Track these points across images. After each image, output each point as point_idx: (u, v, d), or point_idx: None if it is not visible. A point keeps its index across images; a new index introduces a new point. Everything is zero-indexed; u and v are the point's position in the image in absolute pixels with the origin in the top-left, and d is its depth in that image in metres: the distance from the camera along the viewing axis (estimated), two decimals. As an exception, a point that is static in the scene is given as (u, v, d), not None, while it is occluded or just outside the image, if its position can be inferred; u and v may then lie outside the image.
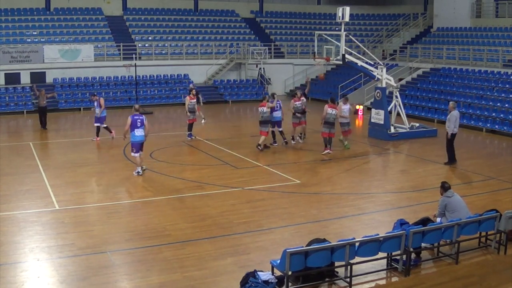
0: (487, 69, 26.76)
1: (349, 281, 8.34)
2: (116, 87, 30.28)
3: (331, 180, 14.96)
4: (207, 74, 33.24)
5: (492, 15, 32.44)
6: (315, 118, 19.81)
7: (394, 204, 12.67)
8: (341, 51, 19.77)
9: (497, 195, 13.21)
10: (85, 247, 9.77)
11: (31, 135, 22.21)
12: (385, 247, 8.74)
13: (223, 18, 37.32)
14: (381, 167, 17.20)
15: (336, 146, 18.36)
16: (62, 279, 8.49)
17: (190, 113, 19.73)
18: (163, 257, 9.40)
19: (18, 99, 27.78)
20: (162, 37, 33.95)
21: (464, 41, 30.65)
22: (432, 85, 27.89)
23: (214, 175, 14.99)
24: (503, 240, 9.75)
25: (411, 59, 31.72)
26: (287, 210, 12.15)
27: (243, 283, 8.11)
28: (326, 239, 8.88)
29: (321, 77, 28.25)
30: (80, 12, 33.49)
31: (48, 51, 29.37)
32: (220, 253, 9.58)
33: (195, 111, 20.06)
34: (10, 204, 12.27)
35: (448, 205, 9.81)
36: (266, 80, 33.38)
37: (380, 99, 20.57)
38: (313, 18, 40.01)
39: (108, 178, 14.77)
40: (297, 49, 36.42)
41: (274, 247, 9.76)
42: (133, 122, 14.54)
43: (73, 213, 11.74)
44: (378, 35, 37.77)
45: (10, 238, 10.18)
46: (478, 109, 23.85)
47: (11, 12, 31.64)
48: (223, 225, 11.06)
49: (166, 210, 12.12)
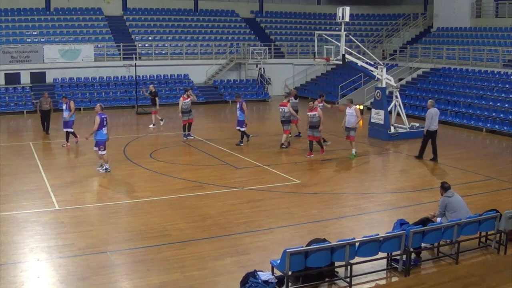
0: (487, 69, 26.77)
1: (349, 281, 8.34)
2: (116, 87, 30.28)
3: (331, 180, 14.96)
4: (207, 74, 33.25)
5: (492, 15, 32.44)
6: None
7: (394, 204, 12.67)
8: (341, 51, 19.77)
9: (497, 195, 13.21)
10: (85, 247, 9.77)
11: (31, 135, 22.21)
12: (385, 247, 8.74)
13: (223, 18, 37.33)
14: (381, 167, 17.20)
15: (338, 147, 18.34)
16: (62, 279, 8.49)
17: (183, 114, 19.62)
18: (163, 257, 9.40)
19: (18, 99, 27.78)
20: (162, 37, 33.96)
21: (464, 41, 30.65)
22: (432, 85, 27.88)
23: (214, 175, 14.99)
24: (503, 240, 9.75)
25: (411, 59, 31.72)
26: (287, 210, 12.15)
27: (243, 283, 8.11)
28: (326, 239, 8.88)
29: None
30: (80, 12, 33.50)
31: (48, 51, 29.38)
32: (220, 253, 9.58)
33: (190, 111, 19.89)
34: (10, 204, 12.27)
35: (448, 205, 9.81)
36: (266, 80, 33.39)
37: (380, 99, 20.57)
38: (313, 18, 40.01)
39: (108, 178, 14.77)
40: (297, 49, 36.42)
41: (274, 247, 9.76)
42: (101, 121, 14.70)
43: (73, 213, 11.74)
44: (378, 35, 37.77)
45: (10, 238, 10.18)
46: (478, 109, 23.84)
47: (11, 12, 31.65)
48: (223, 225, 11.06)
49: (166, 210, 12.13)
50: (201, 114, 26.82)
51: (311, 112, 16.85)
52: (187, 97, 19.82)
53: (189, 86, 28.77)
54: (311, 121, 16.87)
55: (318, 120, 16.70)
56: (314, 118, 16.76)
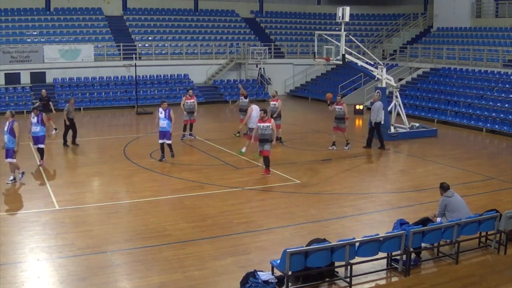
0: (487, 69, 26.77)
1: (349, 281, 8.34)
2: (116, 87, 30.28)
3: (331, 180, 14.95)
4: (207, 74, 33.25)
5: (492, 15, 32.45)
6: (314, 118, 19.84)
7: (394, 204, 12.67)
8: (341, 51, 19.76)
9: (497, 195, 13.22)
10: (85, 247, 9.77)
11: (31, 135, 22.18)
12: (385, 247, 8.74)
13: (223, 18, 37.33)
14: (381, 167, 17.20)
15: (338, 147, 18.35)
16: (62, 279, 8.49)
17: (186, 113, 19.65)
18: (163, 257, 9.40)
19: (18, 99, 27.78)
20: (162, 37, 33.96)
21: (464, 41, 30.66)
22: (432, 85, 27.89)
23: (214, 175, 14.98)
24: (503, 240, 9.75)
25: (411, 59, 31.73)
26: (287, 210, 12.15)
27: (243, 283, 8.11)
28: (326, 239, 8.88)
29: None
30: (80, 12, 33.50)
31: (48, 51, 29.38)
32: (220, 253, 9.58)
33: (193, 111, 19.87)
34: (10, 204, 12.27)
35: (448, 205, 9.81)
36: (266, 80, 33.39)
37: (380, 99, 20.54)
38: (313, 18, 40.02)
39: (108, 178, 14.77)
40: (297, 49, 36.42)
41: (274, 247, 9.76)
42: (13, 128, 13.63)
43: (73, 213, 11.74)
44: (378, 35, 37.78)
45: (10, 238, 10.18)
46: (478, 109, 23.84)
47: (11, 12, 31.65)
48: (223, 225, 11.07)
49: (166, 210, 12.13)
50: (201, 114, 26.74)
51: (263, 124, 14.42)
52: (189, 97, 19.83)
53: (189, 86, 28.81)
54: (262, 133, 14.49)
55: (270, 133, 14.39)
56: (267, 130, 14.37)
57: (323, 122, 18.65)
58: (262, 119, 14.51)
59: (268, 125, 14.36)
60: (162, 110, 16.40)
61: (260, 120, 14.62)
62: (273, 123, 14.55)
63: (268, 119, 14.52)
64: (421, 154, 18.13)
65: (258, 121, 14.72)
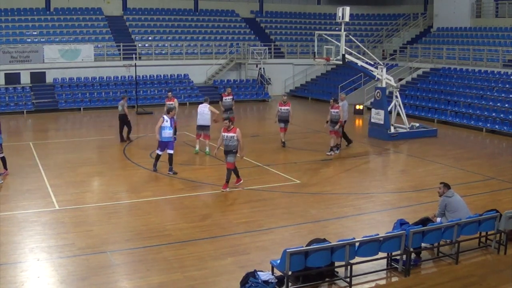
0: (487, 69, 26.77)
1: (349, 281, 8.34)
2: (116, 87, 30.26)
3: (331, 180, 14.95)
4: (207, 74, 33.25)
5: (492, 15, 32.44)
6: (314, 118, 19.83)
7: (394, 204, 12.67)
8: (341, 51, 19.76)
9: (497, 195, 13.22)
10: (85, 247, 9.77)
11: (31, 135, 22.22)
12: (385, 247, 8.75)
13: (223, 18, 37.33)
14: (381, 167, 17.20)
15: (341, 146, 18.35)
16: (62, 279, 8.49)
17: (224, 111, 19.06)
18: (163, 257, 9.40)
19: (18, 99, 27.76)
20: (162, 37, 33.96)
21: (464, 41, 30.65)
22: (432, 85, 27.88)
23: (214, 175, 14.97)
24: (503, 240, 9.75)
25: (411, 59, 31.72)
26: (287, 210, 12.15)
27: (243, 283, 8.11)
28: (326, 239, 8.88)
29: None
30: (80, 12, 33.50)
31: (48, 51, 29.36)
32: (220, 253, 9.58)
33: (230, 109, 19.19)
34: (10, 204, 12.26)
35: (448, 205, 9.81)
36: (266, 80, 33.39)
37: (380, 99, 20.57)
38: (313, 18, 40.01)
39: (108, 178, 14.77)
40: (297, 49, 36.42)
41: (274, 247, 9.76)
42: None
43: (73, 213, 11.74)
44: (378, 35, 37.77)
45: (10, 238, 10.17)
46: (478, 109, 23.84)
47: (11, 12, 31.64)
48: (223, 225, 11.07)
49: (166, 210, 12.13)
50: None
51: (227, 133, 13.23)
52: (227, 95, 19.52)
53: (228, 85, 28.35)
54: (226, 144, 13.29)
55: (235, 144, 13.16)
56: (231, 141, 13.19)
57: (323, 122, 18.63)
58: (227, 129, 13.19)
59: (232, 135, 13.07)
60: (167, 118, 14.58)
61: (224, 130, 13.24)
62: (238, 133, 13.11)
63: (233, 129, 13.16)
64: (421, 154, 18.12)
65: (223, 131, 13.29)
